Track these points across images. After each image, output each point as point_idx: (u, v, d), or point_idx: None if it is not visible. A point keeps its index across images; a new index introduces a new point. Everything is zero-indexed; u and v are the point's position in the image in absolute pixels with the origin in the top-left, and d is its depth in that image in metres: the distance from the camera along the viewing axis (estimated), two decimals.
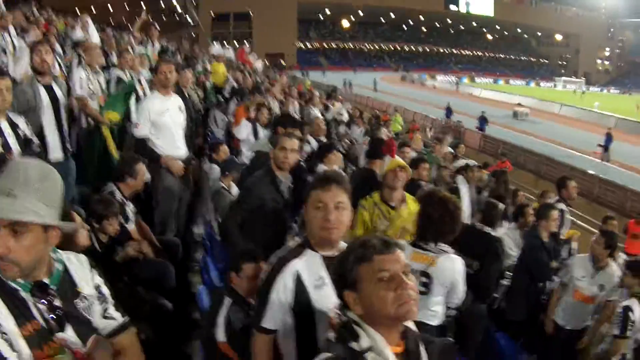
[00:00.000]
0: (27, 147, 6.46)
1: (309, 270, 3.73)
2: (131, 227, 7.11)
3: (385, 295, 2.69)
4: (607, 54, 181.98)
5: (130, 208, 7.25)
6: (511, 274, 9.13)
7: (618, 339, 7.11)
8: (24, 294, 2.78)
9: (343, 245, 3.77)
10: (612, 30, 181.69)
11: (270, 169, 6.62)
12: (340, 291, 2.91)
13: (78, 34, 15.29)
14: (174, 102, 8.58)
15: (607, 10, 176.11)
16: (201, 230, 8.89)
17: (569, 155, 39.42)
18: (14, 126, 6.44)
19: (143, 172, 7.46)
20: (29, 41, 11.19)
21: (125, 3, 51.17)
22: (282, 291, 3.70)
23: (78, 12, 21.80)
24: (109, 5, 46.69)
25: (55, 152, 7.83)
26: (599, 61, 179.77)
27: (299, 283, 3.70)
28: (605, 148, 40.67)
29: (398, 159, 7.42)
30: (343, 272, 2.86)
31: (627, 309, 7.10)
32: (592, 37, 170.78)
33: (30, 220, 2.68)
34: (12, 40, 12.41)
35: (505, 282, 9.26)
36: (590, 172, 32.09)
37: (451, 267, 5.44)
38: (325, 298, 3.67)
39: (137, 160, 7.44)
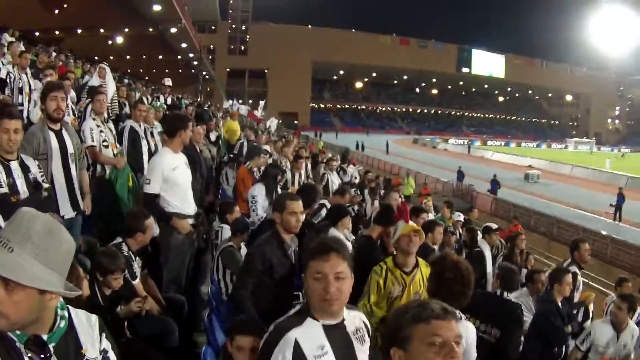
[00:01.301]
0: (35, 190, 6.37)
1: (309, 339, 3.55)
2: (136, 282, 6.95)
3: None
4: (617, 112, 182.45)
5: (137, 264, 7.09)
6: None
7: None
8: (19, 345, 2.64)
9: (345, 313, 3.68)
10: (621, 88, 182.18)
11: (277, 232, 6.43)
12: (387, 347, 2.79)
13: (94, 81, 15.30)
14: (182, 159, 8.48)
15: (617, 69, 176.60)
16: (208, 288, 8.75)
17: (581, 217, 39.23)
18: (24, 168, 6.35)
19: (152, 228, 7.36)
20: (45, 84, 11.15)
21: (142, 54, 51.36)
22: None
23: (97, 59, 21.94)
24: (127, 55, 46.93)
25: (64, 205, 7.66)
26: (609, 120, 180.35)
27: (297, 353, 3.52)
28: (618, 207, 40.54)
29: (412, 223, 7.33)
30: (396, 328, 2.76)
31: None
32: (602, 96, 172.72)
33: (20, 281, 2.52)
34: (28, 81, 12.40)
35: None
36: (603, 232, 32.02)
37: (464, 334, 5.22)
38: None
39: (146, 216, 7.32)
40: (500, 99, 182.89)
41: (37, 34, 32.88)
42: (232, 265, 8.17)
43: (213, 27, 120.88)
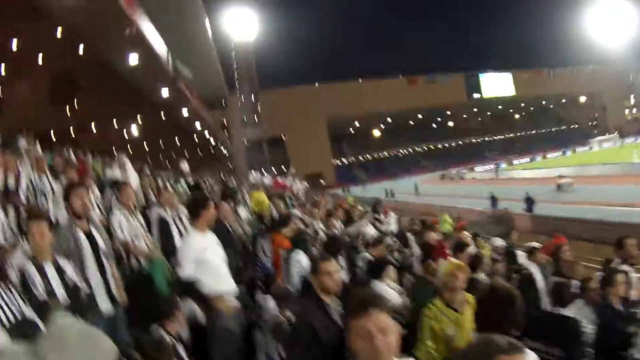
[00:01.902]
0: (75, 295, 6.36)
1: None
2: None
3: None
4: (632, 102, 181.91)
5: (181, 348, 7.00)
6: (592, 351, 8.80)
7: None
8: None
9: None
10: (632, 77, 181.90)
11: (316, 295, 6.28)
12: None
13: (116, 173, 15.36)
14: (212, 238, 8.45)
15: (622, 60, 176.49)
16: None
17: (622, 214, 38.81)
18: (60, 271, 6.37)
19: (184, 309, 7.31)
20: (65, 184, 11.18)
21: (159, 141, 51.86)
22: None
23: (115, 151, 22.15)
24: (144, 145, 47.37)
25: (103, 303, 7.67)
26: (626, 111, 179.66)
27: None
28: None
29: (454, 260, 7.29)
30: None
31: None
32: (614, 89, 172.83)
33: None
34: (50, 183, 12.44)
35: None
36: None
37: None
38: None
39: (175, 296, 7.33)
40: (517, 116, 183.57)
41: (52, 132, 33.25)
42: (283, 339, 8.10)
43: (223, 102, 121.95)
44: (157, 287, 9.26)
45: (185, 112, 45.83)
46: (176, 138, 55.64)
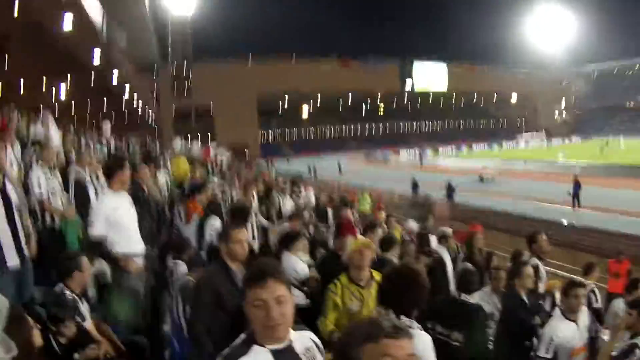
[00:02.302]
0: None
1: None
2: (87, 324, 6.79)
3: None
4: (562, 105, 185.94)
5: (84, 305, 6.94)
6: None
7: None
8: None
9: (292, 334, 3.60)
10: (564, 81, 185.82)
11: (223, 262, 6.31)
12: None
13: (39, 131, 15.17)
14: (126, 199, 8.44)
15: (557, 63, 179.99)
16: (169, 327, 8.62)
17: (539, 209, 39.87)
18: None
19: (88, 266, 7.22)
20: None
21: (88, 103, 51.11)
22: None
23: (42, 110, 21.70)
24: (72, 105, 46.61)
25: (12, 258, 7.50)
26: (556, 113, 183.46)
27: None
28: (575, 195, 41.55)
29: (361, 237, 7.35)
30: (345, 348, 2.69)
31: (635, 346, 7.24)
32: (546, 91, 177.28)
33: None
34: None
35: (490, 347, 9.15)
36: (564, 221, 32.82)
37: (419, 345, 4.97)
38: None
39: (79, 254, 7.21)
40: (446, 107, 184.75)
41: None
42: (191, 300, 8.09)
43: (155, 70, 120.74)
44: (69, 245, 9.20)
45: (115, 76, 45.29)
46: (105, 101, 55.06)
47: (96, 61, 38.65)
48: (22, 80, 35.55)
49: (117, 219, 8.00)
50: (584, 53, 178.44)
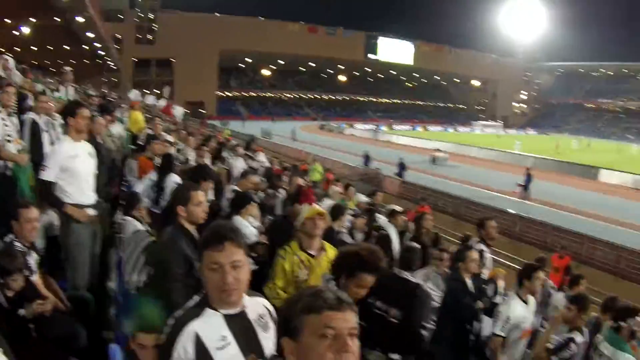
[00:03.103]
0: None
1: (210, 331, 3.46)
2: (34, 278, 6.64)
3: (323, 354, 2.52)
4: (524, 97, 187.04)
5: (32, 257, 6.79)
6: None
7: None
8: None
9: (246, 300, 3.61)
10: (528, 73, 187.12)
11: (181, 225, 6.14)
12: (279, 336, 2.73)
13: None
14: (85, 148, 8.23)
15: (524, 55, 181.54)
16: (114, 284, 8.53)
17: (489, 197, 40.50)
18: None
19: (37, 215, 6.98)
20: None
21: (49, 45, 50.21)
22: (182, 356, 3.41)
23: (2, 50, 21.21)
24: (33, 47, 45.81)
25: None
26: (515, 104, 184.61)
27: (199, 346, 3.43)
28: (525, 187, 42.02)
29: (316, 206, 7.32)
30: (287, 318, 2.67)
31: (572, 340, 7.54)
32: (509, 81, 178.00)
33: None
34: None
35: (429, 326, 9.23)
36: (511, 211, 32.93)
37: None
38: (231, 359, 3.48)
39: (30, 203, 7.09)
40: (408, 85, 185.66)
41: None
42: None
43: (120, 16, 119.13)
44: (20, 192, 9.08)
45: (81, 19, 44.41)
46: (66, 45, 54.20)
47: (63, 2, 37.84)
48: None
49: (72, 168, 7.81)
50: (551, 49, 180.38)
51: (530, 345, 9.15)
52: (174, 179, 10.60)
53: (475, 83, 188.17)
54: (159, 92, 55.75)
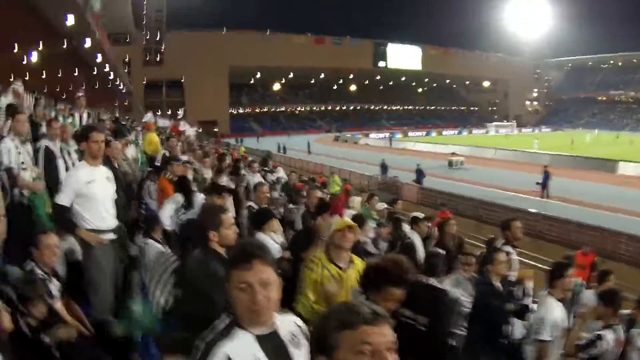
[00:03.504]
0: None
1: (242, 352, 3.30)
2: (57, 304, 6.59)
3: None
4: (535, 94, 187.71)
5: (53, 284, 6.76)
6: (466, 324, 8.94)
7: None
8: None
9: (277, 319, 3.47)
10: (537, 71, 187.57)
11: (210, 248, 6.06)
12: (313, 355, 2.62)
13: (10, 100, 14.86)
14: (102, 173, 8.17)
15: (532, 52, 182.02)
16: (139, 307, 8.45)
17: (508, 198, 40.27)
18: None
19: (57, 243, 7.01)
20: None
21: (58, 71, 50.34)
22: None
23: (12, 78, 21.17)
24: (43, 71, 45.88)
25: None
26: (527, 103, 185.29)
27: None
28: (544, 185, 41.77)
29: (346, 218, 7.23)
30: (321, 335, 2.56)
31: (600, 337, 7.53)
32: (519, 80, 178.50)
33: None
34: None
35: (461, 332, 9.13)
36: (532, 210, 32.76)
37: None
38: None
39: (49, 230, 7.05)
40: (419, 90, 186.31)
41: None
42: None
43: (127, 39, 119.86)
44: (37, 220, 9.01)
45: (88, 43, 44.55)
46: (76, 70, 54.36)
47: (69, 27, 37.96)
48: None
49: (89, 193, 7.76)
50: (558, 45, 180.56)
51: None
52: (201, 198, 10.51)
53: (486, 84, 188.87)
54: (170, 113, 56.09)
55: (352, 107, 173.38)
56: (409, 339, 5.52)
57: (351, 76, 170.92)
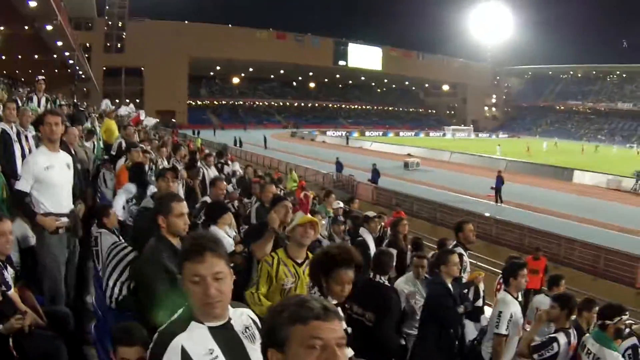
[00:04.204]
0: None
1: (196, 344, 3.33)
2: (11, 292, 6.41)
3: None
4: (494, 100, 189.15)
5: (8, 272, 6.57)
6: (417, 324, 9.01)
7: None
8: None
9: (231, 312, 3.51)
10: (497, 77, 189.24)
11: (163, 236, 5.95)
12: (264, 348, 2.60)
13: None
14: (61, 159, 8.01)
15: (493, 59, 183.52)
16: (92, 298, 8.38)
17: (463, 201, 40.73)
18: None
19: (10, 228, 6.79)
20: None
21: (18, 54, 49.79)
22: None
23: None
24: (2, 56, 45.39)
25: None
26: (486, 108, 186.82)
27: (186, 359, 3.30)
28: (497, 190, 41.95)
29: (309, 215, 7.22)
30: (272, 328, 2.54)
31: (554, 339, 7.65)
32: (478, 85, 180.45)
33: None
34: None
35: (413, 332, 9.18)
36: (486, 214, 33.34)
37: None
38: None
39: (2, 215, 6.91)
40: (378, 90, 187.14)
41: None
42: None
43: (89, 24, 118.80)
44: None
45: (49, 27, 44.09)
46: (35, 54, 53.89)
47: (31, 8, 37.52)
48: None
49: (47, 179, 7.62)
50: (520, 52, 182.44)
51: None
52: (128, 187, 10.56)
53: (445, 87, 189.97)
54: (129, 101, 55.61)
55: (310, 104, 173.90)
56: (358, 335, 5.58)
57: (311, 73, 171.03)
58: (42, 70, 50.36)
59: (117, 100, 56.68)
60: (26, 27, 42.57)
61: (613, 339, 7.72)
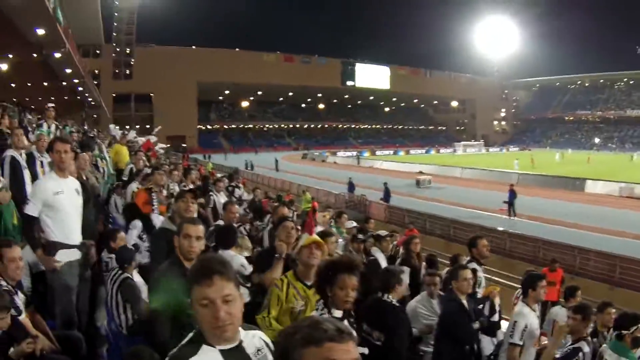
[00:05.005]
0: None
1: None
2: (22, 317, 6.41)
3: None
4: (502, 114, 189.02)
5: (19, 297, 6.60)
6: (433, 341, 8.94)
7: None
8: None
9: (243, 334, 3.45)
10: (505, 91, 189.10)
11: (177, 259, 5.94)
12: None
13: None
14: (71, 185, 7.97)
15: (500, 73, 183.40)
16: (104, 323, 8.35)
17: (476, 216, 40.59)
18: None
19: (13, 257, 6.75)
20: None
21: (27, 81, 49.92)
22: None
23: None
24: (12, 83, 45.47)
25: None
26: (495, 122, 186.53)
27: None
28: (510, 203, 41.80)
29: (315, 236, 7.17)
30: (285, 351, 2.49)
31: (579, 350, 7.64)
32: (487, 100, 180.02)
33: None
34: None
35: (429, 349, 9.16)
36: (500, 228, 33.09)
37: None
38: None
39: (13, 242, 6.89)
40: (387, 109, 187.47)
41: None
42: (134, 299, 7.80)
43: (97, 51, 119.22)
44: (4, 231, 8.89)
45: (57, 54, 44.28)
46: (45, 81, 54.04)
47: (39, 36, 37.69)
48: None
49: (56, 204, 7.58)
50: (526, 65, 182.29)
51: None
52: (160, 219, 10.37)
53: (454, 104, 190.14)
54: (138, 127, 55.75)
55: (320, 125, 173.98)
56: (369, 354, 5.54)
57: (319, 94, 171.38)
58: (52, 97, 50.43)
59: (128, 127, 56.78)
60: (35, 55, 42.72)
61: (630, 348, 7.65)
